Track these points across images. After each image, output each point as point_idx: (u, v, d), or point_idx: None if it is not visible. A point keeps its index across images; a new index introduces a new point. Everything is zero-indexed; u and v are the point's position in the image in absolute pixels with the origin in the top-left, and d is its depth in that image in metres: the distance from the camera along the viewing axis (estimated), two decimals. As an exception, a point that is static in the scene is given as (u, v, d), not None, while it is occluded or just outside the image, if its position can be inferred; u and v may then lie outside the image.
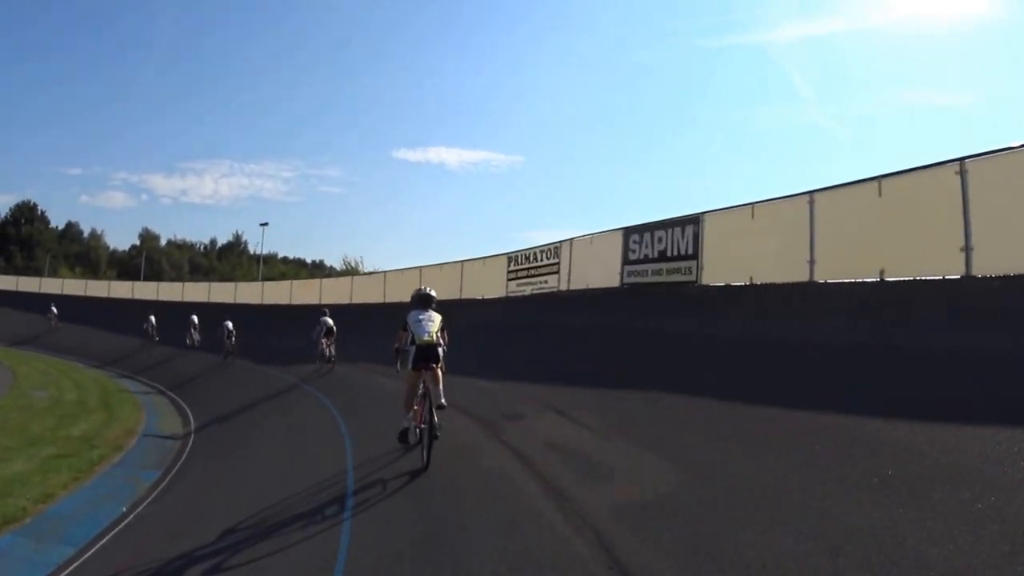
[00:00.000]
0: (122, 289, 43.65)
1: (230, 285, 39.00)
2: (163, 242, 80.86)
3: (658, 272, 14.25)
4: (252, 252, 54.81)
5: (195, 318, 28.21)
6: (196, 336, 27.58)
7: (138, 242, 78.86)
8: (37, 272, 57.03)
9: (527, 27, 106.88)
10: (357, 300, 27.20)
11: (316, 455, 9.25)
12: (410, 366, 7.30)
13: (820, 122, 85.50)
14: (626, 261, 15.22)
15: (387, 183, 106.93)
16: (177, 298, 37.71)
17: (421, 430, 7.13)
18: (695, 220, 13.38)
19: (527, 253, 19.21)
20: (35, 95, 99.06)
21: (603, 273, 15.78)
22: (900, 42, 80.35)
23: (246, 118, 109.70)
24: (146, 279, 51.50)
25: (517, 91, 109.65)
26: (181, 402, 18.69)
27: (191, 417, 16.28)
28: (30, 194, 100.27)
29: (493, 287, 20.20)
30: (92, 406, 17.39)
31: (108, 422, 15.05)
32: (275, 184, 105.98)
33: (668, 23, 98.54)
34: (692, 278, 13.24)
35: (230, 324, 23.64)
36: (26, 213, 74.55)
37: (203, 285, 40.70)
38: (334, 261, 78.13)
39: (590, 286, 16.19)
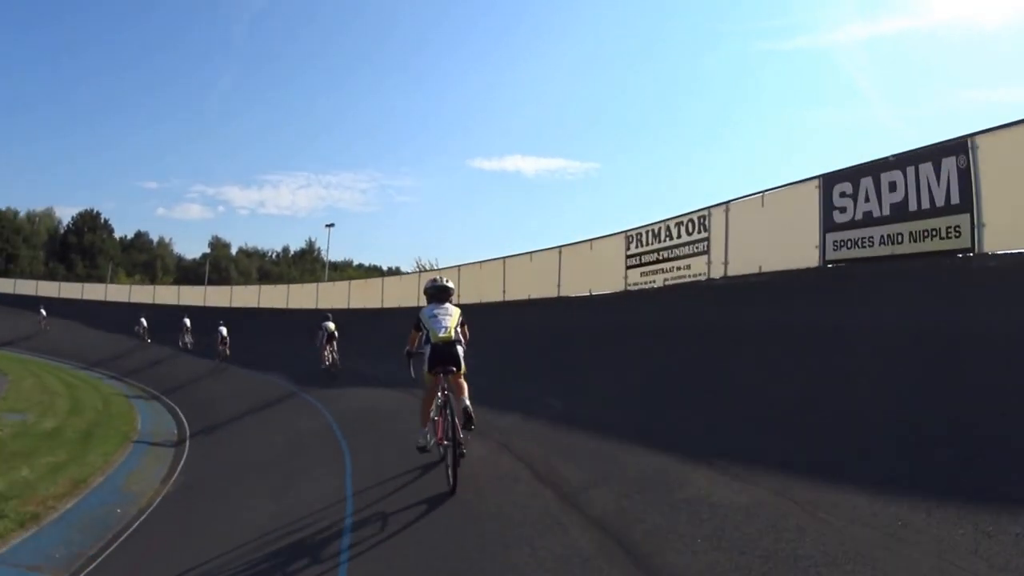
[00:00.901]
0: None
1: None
2: (234, 251, 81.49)
3: (893, 238, 9.09)
4: (325, 259, 52.62)
5: (187, 321, 28.51)
6: (188, 339, 27.97)
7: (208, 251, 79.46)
8: (100, 280, 55.47)
9: (596, 35, 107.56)
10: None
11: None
12: (426, 368, 6.35)
13: (888, 123, 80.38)
14: (829, 226, 10.11)
15: (463, 192, 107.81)
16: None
17: (444, 447, 6.13)
18: (960, 147, 8.22)
19: (655, 228, 14.12)
20: (111, 111, 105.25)
21: (785, 248, 10.76)
22: (965, 39, 77.00)
23: (322, 130, 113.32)
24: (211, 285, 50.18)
25: (591, 97, 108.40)
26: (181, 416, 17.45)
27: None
28: (107, 208, 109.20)
29: (605, 279, 15.28)
30: (65, 439, 13.85)
31: (63, 466, 11.36)
32: (352, 195, 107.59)
33: (731, 27, 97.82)
34: (963, 244, 8.13)
35: (224, 329, 23.68)
36: (88, 222, 74.49)
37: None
38: (409, 268, 75.41)
39: (763, 269, 11.12)
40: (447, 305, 6.69)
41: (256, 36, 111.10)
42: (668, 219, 13.74)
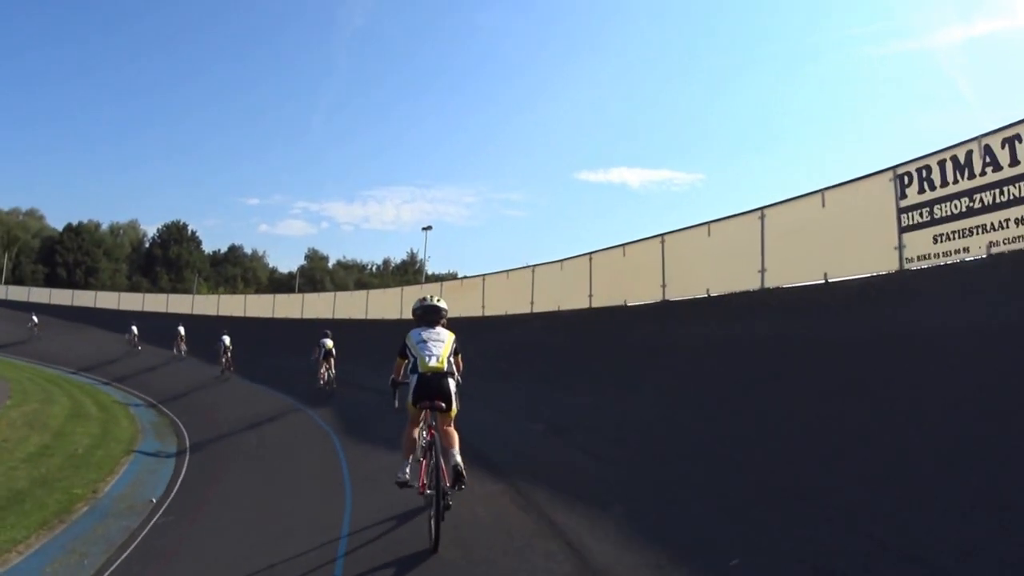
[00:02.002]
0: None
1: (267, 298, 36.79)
2: (332, 263, 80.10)
3: None
4: (427, 271, 49.86)
5: (181, 329, 28.34)
6: (183, 348, 27.83)
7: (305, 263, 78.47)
8: (186, 292, 53.63)
9: (700, 46, 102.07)
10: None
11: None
12: (410, 398, 5.43)
13: (988, 127, 66.58)
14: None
15: (569, 205, 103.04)
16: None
17: (427, 496, 5.23)
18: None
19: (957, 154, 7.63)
20: (215, 130, 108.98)
21: None
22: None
23: (428, 146, 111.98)
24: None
25: (694, 108, 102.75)
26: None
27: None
28: (210, 224, 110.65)
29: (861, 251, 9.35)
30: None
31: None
32: (457, 209, 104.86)
33: (829, 34, 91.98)
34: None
35: (227, 339, 23.04)
36: (175, 234, 74.03)
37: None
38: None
39: None
40: (439, 329, 5.81)
41: (359, 56, 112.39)
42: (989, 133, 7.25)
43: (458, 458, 5.13)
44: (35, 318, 36.65)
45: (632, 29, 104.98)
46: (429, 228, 45.32)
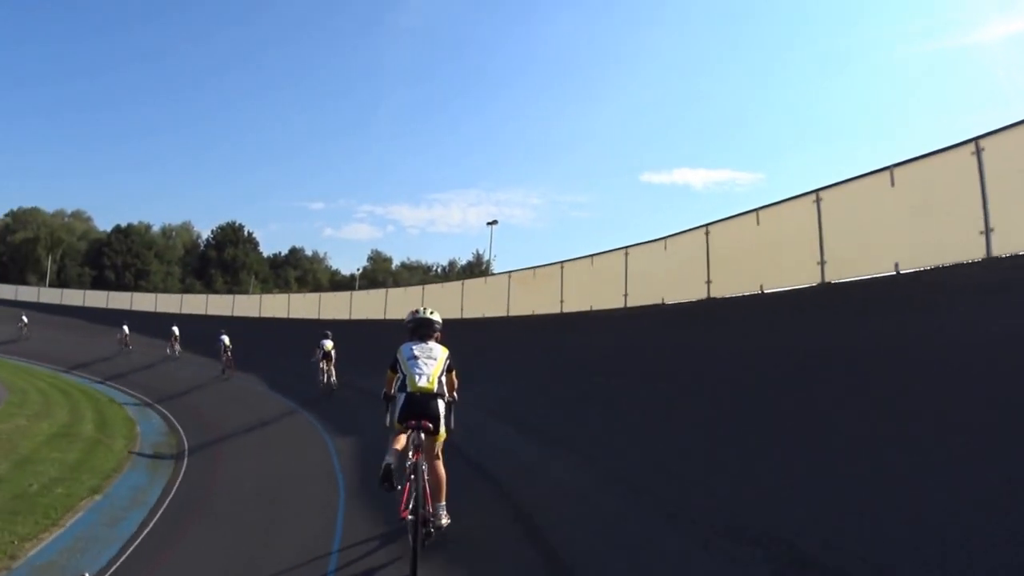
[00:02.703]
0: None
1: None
2: (396, 265, 78.98)
3: None
4: (492, 271, 47.35)
5: (175, 329, 28.39)
6: (177, 347, 27.91)
7: (368, 265, 77.44)
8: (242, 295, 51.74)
9: (762, 44, 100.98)
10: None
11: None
12: (396, 417, 5.25)
13: None
14: None
15: (634, 206, 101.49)
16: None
17: (409, 523, 4.84)
18: None
19: None
20: (279, 133, 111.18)
21: None
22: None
23: (493, 148, 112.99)
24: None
25: (754, 106, 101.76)
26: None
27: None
28: (273, 229, 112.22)
29: None
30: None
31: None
32: (523, 211, 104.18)
33: (875, 32, 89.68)
34: None
35: (226, 339, 23.08)
36: (230, 235, 72.81)
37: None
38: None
39: None
40: (431, 344, 5.63)
41: (418, 57, 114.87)
42: None
43: (444, 518, 5.08)
44: (24, 318, 36.64)
45: (693, 31, 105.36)
46: (494, 223, 42.67)
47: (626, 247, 14.59)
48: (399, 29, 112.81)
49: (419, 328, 5.71)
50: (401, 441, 5.20)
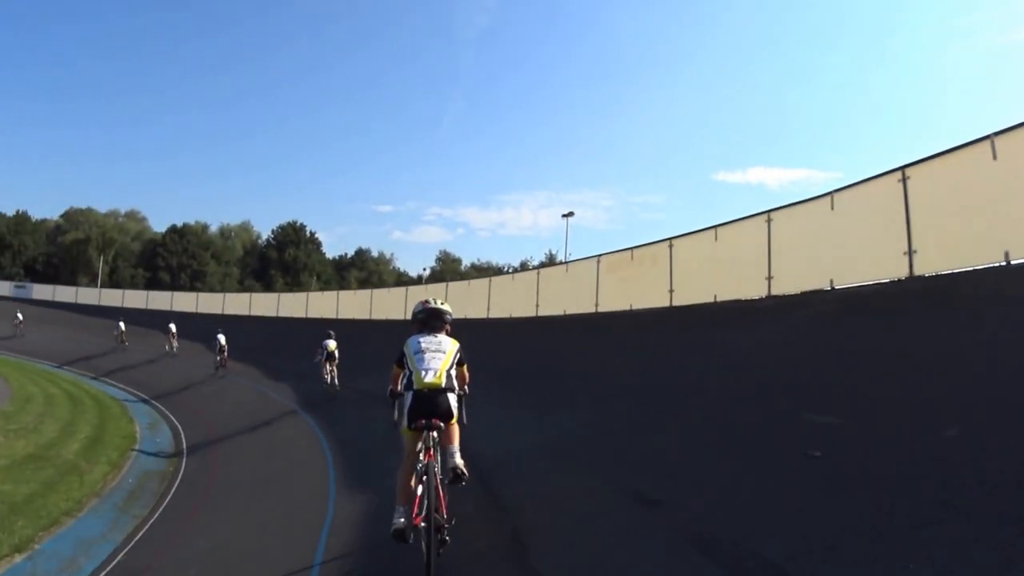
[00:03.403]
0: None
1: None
2: (465, 266, 76.34)
3: None
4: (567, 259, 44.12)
5: (173, 326, 28.69)
6: (175, 344, 28.20)
7: (436, 266, 74.86)
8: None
9: (835, 40, 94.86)
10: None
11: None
12: (405, 421, 4.78)
13: None
14: None
15: (707, 206, 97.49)
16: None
17: (422, 530, 4.38)
18: None
19: None
20: (347, 136, 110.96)
21: None
22: None
23: (562, 149, 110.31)
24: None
25: (830, 105, 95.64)
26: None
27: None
28: (341, 231, 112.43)
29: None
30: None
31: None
32: (594, 212, 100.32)
33: (967, 20, 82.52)
34: None
35: (222, 338, 23.58)
36: (291, 236, 71.27)
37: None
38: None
39: None
40: (440, 337, 5.16)
41: (486, 60, 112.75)
42: None
43: (458, 458, 4.69)
44: (19, 315, 36.94)
45: (757, 26, 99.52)
46: (570, 214, 38.96)
47: (767, 211, 10.69)
48: (468, 33, 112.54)
49: (429, 320, 5.27)
50: (408, 491, 4.63)
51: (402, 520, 4.47)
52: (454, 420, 4.82)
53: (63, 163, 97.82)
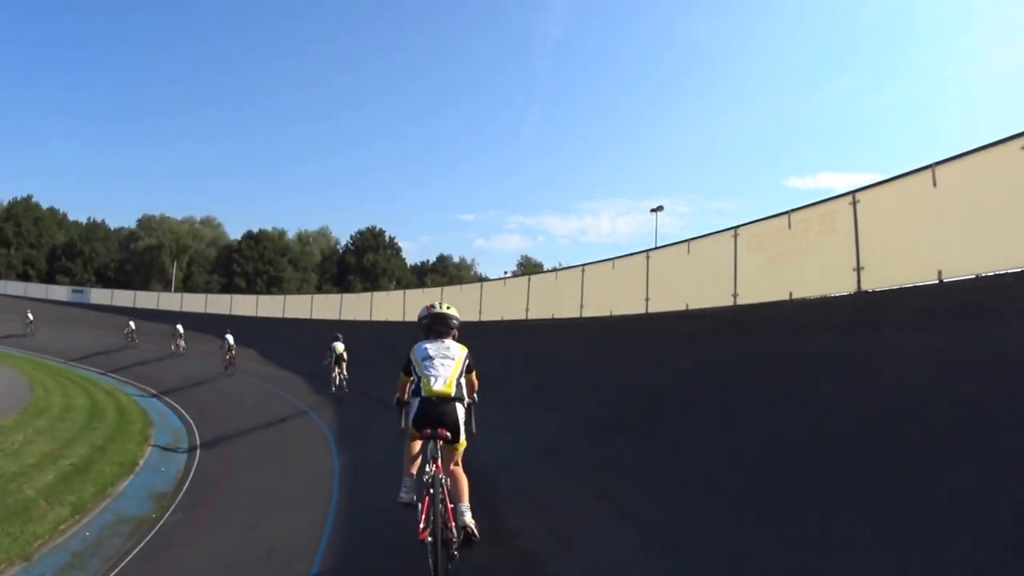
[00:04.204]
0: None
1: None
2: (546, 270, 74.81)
3: None
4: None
5: (180, 327, 29.91)
6: (182, 344, 29.49)
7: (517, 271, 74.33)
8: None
9: (905, 41, 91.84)
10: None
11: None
12: (411, 421, 4.67)
13: None
14: None
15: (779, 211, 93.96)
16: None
17: (429, 545, 4.20)
18: None
19: None
20: (429, 148, 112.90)
21: None
22: None
23: (637, 157, 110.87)
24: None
25: (900, 108, 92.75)
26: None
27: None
28: (425, 240, 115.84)
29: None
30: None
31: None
32: (672, 219, 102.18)
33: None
34: None
35: (231, 338, 24.42)
36: (370, 241, 70.39)
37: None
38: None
39: None
40: (448, 343, 4.99)
41: (562, 70, 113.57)
42: None
43: (468, 516, 4.49)
44: (30, 315, 37.71)
45: (825, 31, 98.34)
46: (659, 208, 36.85)
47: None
48: (544, 45, 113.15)
49: (434, 325, 5.12)
50: (416, 463, 4.71)
51: (406, 490, 4.59)
52: (461, 443, 4.66)
53: (138, 174, 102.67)
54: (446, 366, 4.73)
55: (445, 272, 75.52)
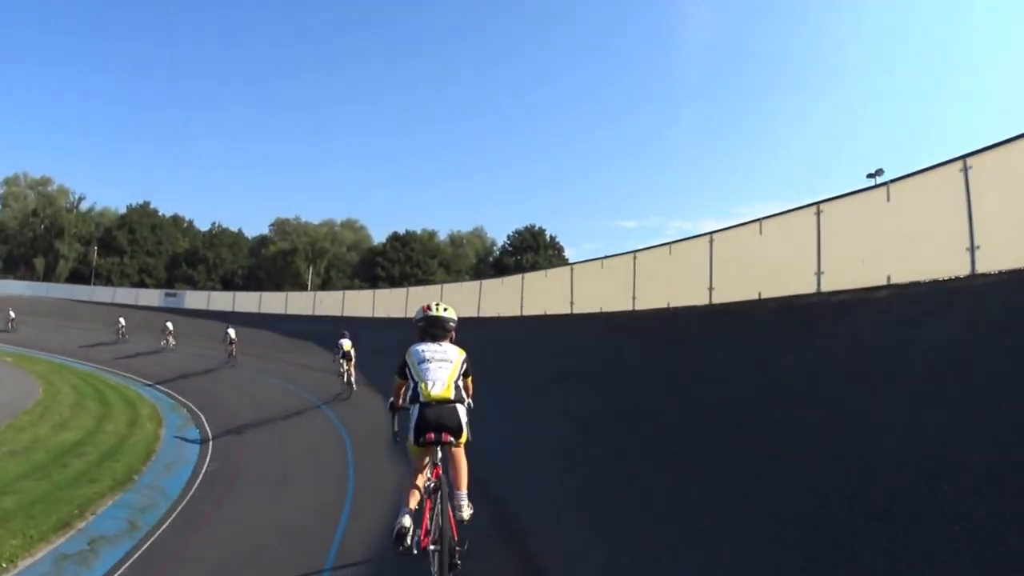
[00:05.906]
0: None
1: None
2: None
3: None
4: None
5: (169, 324, 33.17)
6: (171, 340, 32.23)
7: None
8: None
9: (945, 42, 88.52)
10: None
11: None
12: (411, 437, 4.64)
13: None
14: None
15: None
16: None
17: (431, 553, 4.41)
18: None
19: None
20: (597, 153, 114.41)
21: None
22: None
23: (780, 158, 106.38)
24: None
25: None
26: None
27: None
28: (588, 248, 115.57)
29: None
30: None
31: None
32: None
33: None
34: None
35: (232, 332, 27.69)
36: (528, 241, 70.49)
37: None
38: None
39: None
40: (445, 346, 5.00)
41: (710, 70, 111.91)
42: None
43: (465, 503, 4.61)
44: (12, 313, 39.98)
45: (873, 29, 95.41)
46: (879, 171, 32.77)
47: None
48: (693, 45, 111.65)
49: (430, 327, 5.09)
50: (416, 496, 4.56)
51: (403, 519, 4.40)
52: (463, 439, 4.69)
53: (272, 174, 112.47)
54: (444, 369, 4.74)
55: (606, 277, 72.21)
